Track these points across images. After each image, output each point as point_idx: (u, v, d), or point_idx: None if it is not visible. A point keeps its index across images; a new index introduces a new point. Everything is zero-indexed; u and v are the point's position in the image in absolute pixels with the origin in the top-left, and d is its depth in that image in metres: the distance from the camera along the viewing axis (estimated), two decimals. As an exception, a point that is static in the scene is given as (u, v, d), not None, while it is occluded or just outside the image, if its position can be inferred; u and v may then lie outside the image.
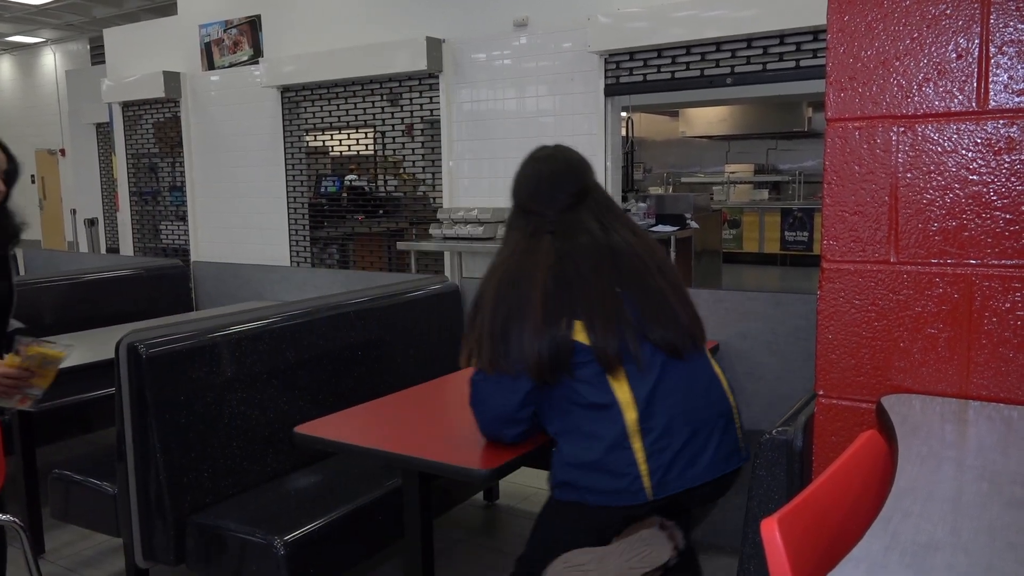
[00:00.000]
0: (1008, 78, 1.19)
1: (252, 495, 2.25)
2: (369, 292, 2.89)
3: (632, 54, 4.69)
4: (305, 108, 6.22)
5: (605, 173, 4.89)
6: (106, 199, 8.99)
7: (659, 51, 4.61)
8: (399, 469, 1.85)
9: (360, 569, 2.57)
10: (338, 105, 6.02)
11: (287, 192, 6.41)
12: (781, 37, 4.23)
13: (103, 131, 8.63)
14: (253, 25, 6.39)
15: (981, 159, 1.21)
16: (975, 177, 1.22)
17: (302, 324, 2.51)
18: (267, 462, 2.35)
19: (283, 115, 6.31)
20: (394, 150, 5.89)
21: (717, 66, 4.46)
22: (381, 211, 6.10)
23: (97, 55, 9.88)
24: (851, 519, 1.06)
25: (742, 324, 2.57)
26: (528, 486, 3.20)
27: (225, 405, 2.26)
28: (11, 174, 1.77)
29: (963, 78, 1.22)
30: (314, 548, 2.03)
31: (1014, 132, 1.19)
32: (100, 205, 9.11)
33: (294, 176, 6.39)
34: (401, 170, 5.94)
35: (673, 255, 5.96)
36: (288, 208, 6.42)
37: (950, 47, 1.22)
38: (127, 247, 7.67)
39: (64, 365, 2.80)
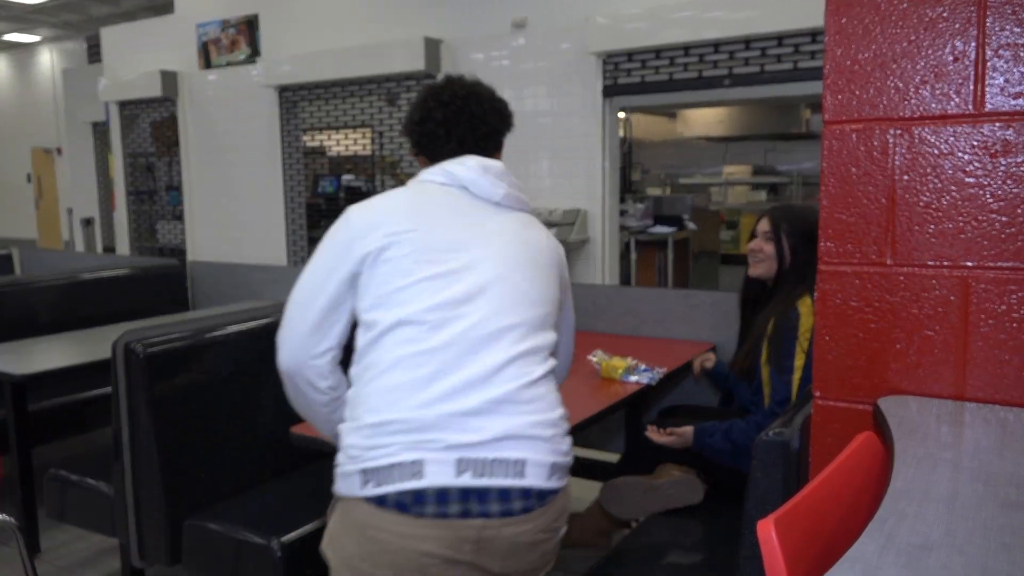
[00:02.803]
0: (1004, 81, 1.19)
1: (249, 495, 2.25)
2: (366, 292, 2.88)
3: (630, 55, 4.70)
4: (303, 108, 6.22)
5: (603, 174, 4.90)
6: (102, 198, 8.97)
7: (657, 52, 4.61)
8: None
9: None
10: (336, 105, 6.02)
11: (284, 192, 6.40)
12: (779, 39, 4.24)
13: (100, 130, 8.62)
14: (251, 24, 6.38)
15: (977, 162, 1.22)
16: (971, 180, 1.22)
17: (299, 324, 2.51)
18: (264, 462, 2.35)
19: (280, 115, 6.30)
20: (391, 150, 5.89)
21: (715, 67, 4.47)
22: (378, 211, 6.09)
23: (94, 54, 9.85)
24: (847, 520, 1.06)
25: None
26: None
27: (222, 405, 2.26)
28: None
29: (960, 81, 1.22)
30: (311, 549, 2.03)
31: (1010, 135, 1.19)
32: (96, 204, 9.09)
33: (291, 176, 6.38)
34: (399, 170, 5.94)
35: (671, 256, 5.97)
36: (285, 208, 6.41)
37: (947, 50, 1.22)
38: (123, 246, 7.66)
39: (61, 365, 2.81)
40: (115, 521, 2.23)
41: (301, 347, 1.43)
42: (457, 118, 1.56)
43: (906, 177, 1.26)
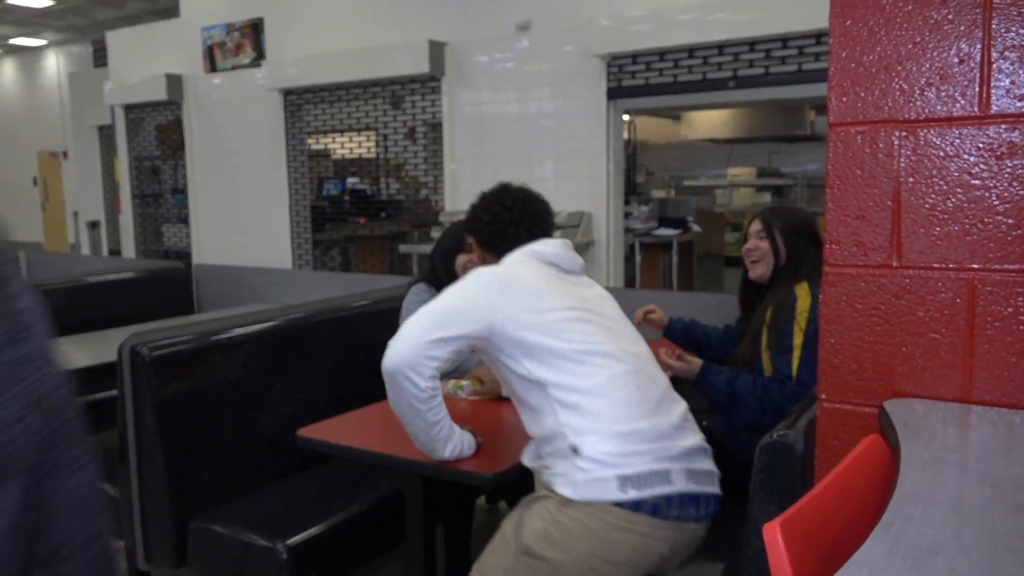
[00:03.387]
0: (1010, 83, 1.19)
1: (254, 498, 2.25)
2: (371, 295, 2.89)
3: (634, 57, 4.70)
4: (307, 111, 6.23)
5: (607, 176, 4.90)
6: (108, 202, 9.00)
7: (661, 54, 4.61)
8: (401, 472, 1.85)
9: (362, 572, 2.57)
10: (340, 108, 6.03)
11: (289, 195, 6.41)
12: (784, 40, 4.23)
13: (105, 133, 8.64)
14: (255, 28, 6.40)
15: (983, 164, 1.22)
16: (977, 182, 1.22)
17: (304, 327, 2.51)
18: (269, 465, 2.35)
19: (285, 118, 6.31)
20: (396, 153, 5.90)
21: (719, 69, 4.47)
22: (383, 214, 6.10)
23: (99, 58, 9.88)
24: (853, 523, 1.06)
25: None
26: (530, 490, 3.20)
27: (227, 408, 2.26)
28: None
29: (965, 83, 1.22)
30: (316, 551, 2.03)
31: (1016, 137, 1.19)
32: (102, 207, 9.12)
33: (296, 179, 6.40)
34: (403, 173, 5.94)
35: (675, 258, 5.97)
36: (290, 211, 6.43)
37: (952, 52, 1.22)
38: (129, 250, 7.68)
39: (66, 368, 2.79)
40: (121, 523, 2.24)
41: (415, 348, 1.55)
42: (522, 216, 1.79)
43: (911, 179, 1.26)
